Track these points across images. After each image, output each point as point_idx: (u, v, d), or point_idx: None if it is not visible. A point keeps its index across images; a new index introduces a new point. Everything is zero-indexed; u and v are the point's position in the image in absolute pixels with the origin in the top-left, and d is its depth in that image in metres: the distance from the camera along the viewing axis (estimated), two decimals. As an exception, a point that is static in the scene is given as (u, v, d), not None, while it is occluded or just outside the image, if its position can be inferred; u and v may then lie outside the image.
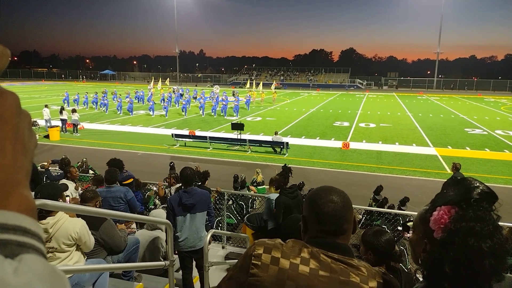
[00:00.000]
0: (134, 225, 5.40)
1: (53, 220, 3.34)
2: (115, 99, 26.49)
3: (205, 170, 7.99)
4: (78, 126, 20.52)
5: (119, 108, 27.20)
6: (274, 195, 5.26)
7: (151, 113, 26.57)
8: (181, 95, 33.73)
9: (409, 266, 6.02)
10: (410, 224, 1.21)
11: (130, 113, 26.59)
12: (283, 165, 5.78)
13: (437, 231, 0.99)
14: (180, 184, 5.33)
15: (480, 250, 0.91)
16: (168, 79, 49.35)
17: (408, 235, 1.20)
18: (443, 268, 0.95)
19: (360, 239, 2.52)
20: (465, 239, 0.93)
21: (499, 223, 0.97)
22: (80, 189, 6.56)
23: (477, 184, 0.99)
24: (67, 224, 3.41)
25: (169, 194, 7.26)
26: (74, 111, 20.26)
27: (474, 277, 0.92)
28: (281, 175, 5.44)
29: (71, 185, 6.47)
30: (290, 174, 5.45)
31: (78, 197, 6.10)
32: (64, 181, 6.61)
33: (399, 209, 8.30)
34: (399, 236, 7.04)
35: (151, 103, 27.31)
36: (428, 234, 1.04)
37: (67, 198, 3.99)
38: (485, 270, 0.91)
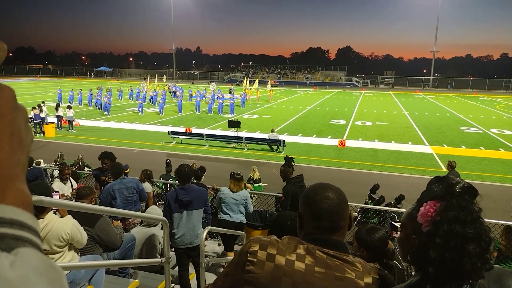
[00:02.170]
0: (136, 220, 5.41)
1: (42, 224, 3.32)
2: (106, 97, 25.63)
3: (201, 166, 7.99)
4: (74, 123, 20.42)
5: (105, 108, 25.59)
6: (224, 189, 5.90)
7: (139, 111, 25.85)
8: (174, 93, 33.49)
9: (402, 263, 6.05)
10: (397, 224, 1.24)
11: (107, 113, 25.18)
12: (284, 156, 6.12)
13: (425, 224, 1.05)
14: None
15: (465, 236, 0.97)
16: (164, 76, 49.14)
17: (396, 235, 1.23)
18: (428, 254, 1.00)
19: (353, 236, 2.54)
20: (451, 226, 0.99)
21: (498, 222, 1.03)
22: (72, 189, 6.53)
23: (459, 180, 1.07)
24: (57, 226, 3.39)
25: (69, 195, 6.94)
26: (69, 107, 20.14)
27: (458, 261, 0.97)
28: (286, 165, 5.81)
29: (62, 185, 6.43)
30: (293, 163, 5.85)
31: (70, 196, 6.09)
32: (57, 180, 6.56)
33: (395, 207, 8.33)
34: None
35: (140, 101, 26.49)
36: (416, 230, 1.09)
37: (55, 195, 3.99)
38: (469, 254, 0.96)
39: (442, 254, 0.97)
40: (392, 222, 1.14)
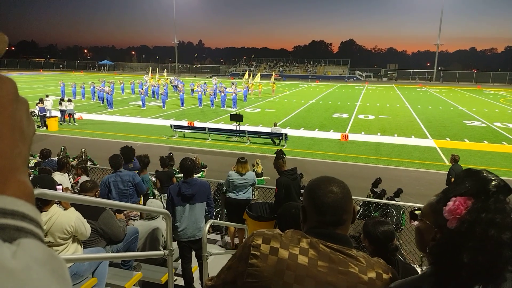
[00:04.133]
0: (133, 212, 5.44)
1: (46, 217, 3.35)
2: (108, 88, 25.45)
3: (170, 153, 8.10)
4: (76, 116, 20.45)
5: (108, 102, 25.40)
6: (231, 173, 6.45)
7: (141, 105, 25.85)
8: (176, 86, 33.44)
9: (405, 257, 6.07)
10: (417, 212, 1.21)
11: (109, 107, 24.98)
12: (276, 150, 6.35)
13: (452, 221, 1.00)
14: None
15: (500, 241, 0.93)
16: (165, 70, 48.96)
17: (414, 223, 1.21)
18: (459, 257, 0.95)
19: (362, 226, 2.58)
20: (486, 229, 0.94)
21: None
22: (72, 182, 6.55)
23: (493, 177, 1.01)
24: (61, 219, 3.41)
25: (71, 189, 6.50)
26: (69, 100, 20.19)
27: (491, 266, 0.93)
28: (277, 158, 5.93)
29: (62, 177, 6.45)
30: (283, 155, 6.00)
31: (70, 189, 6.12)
32: (57, 173, 6.57)
33: (393, 200, 8.33)
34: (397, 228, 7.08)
35: (143, 92, 26.35)
36: (439, 224, 1.06)
37: (59, 188, 4.02)
38: (503, 259, 0.93)
39: (475, 257, 0.94)
40: (412, 211, 1.11)
